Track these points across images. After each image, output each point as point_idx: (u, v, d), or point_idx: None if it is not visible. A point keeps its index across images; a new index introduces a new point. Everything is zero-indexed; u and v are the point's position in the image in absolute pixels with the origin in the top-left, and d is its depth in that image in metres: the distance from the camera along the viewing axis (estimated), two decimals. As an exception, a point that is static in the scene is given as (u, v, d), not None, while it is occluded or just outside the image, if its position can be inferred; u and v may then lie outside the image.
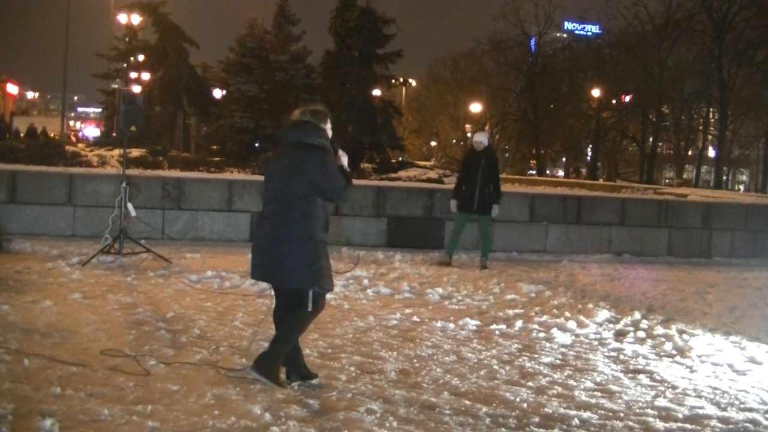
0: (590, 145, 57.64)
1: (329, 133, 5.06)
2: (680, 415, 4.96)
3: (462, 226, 11.01)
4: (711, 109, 52.80)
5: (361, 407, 4.70)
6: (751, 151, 57.13)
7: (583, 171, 62.09)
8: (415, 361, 5.86)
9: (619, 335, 7.12)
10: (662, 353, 6.56)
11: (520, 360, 6.08)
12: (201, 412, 4.46)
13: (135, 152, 26.87)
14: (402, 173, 32.92)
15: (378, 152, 39.04)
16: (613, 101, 54.28)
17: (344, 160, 5.09)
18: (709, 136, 54.67)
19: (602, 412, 4.94)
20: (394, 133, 42.66)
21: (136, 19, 45.37)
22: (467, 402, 4.96)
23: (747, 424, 4.88)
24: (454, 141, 70.06)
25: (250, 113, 38.62)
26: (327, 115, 5.10)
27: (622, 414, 4.92)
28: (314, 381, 5.13)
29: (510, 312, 7.81)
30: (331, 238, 6.08)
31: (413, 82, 58.69)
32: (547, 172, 61.01)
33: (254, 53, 39.82)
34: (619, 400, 5.21)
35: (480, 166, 10.68)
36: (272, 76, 39.18)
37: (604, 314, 7.84)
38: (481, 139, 11.15)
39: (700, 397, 5.41)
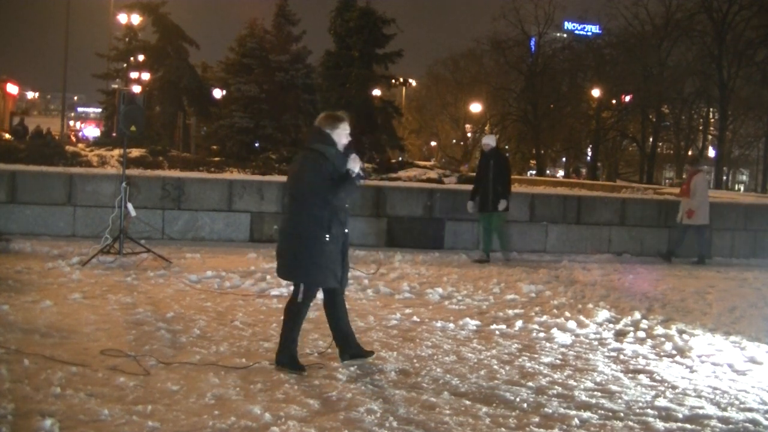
0: (590, 145, 57.64)
1: (340, 137, 5.38)
2: (680, 415, 4.96)
3: (487, 224, 11.41)
4: (711, 109, 52.82)
5: (361, 407, 4.70)
6: (751, 151, 57.14)
7: (583, 171, 62.08)
8: (415, 361, 5.86)
9: (619, 335, 7.12)
10: (662, 353, 6.56)
11: (520, 360, 6.08)
12: (201, 412, 4.46)
13: (135, 152, 26.81)
14: (402, 173, 32.87)
15: (378, 152, 39.01)
16: (613, 101, 54.27)
17: (354, 165, 5.32)
18: (709, 136, 54.69)
19: (602, 412, 4.94)
20: (394, 133, 42.65)
21: (136, 19, 45.24)
22: (467, 402, 4.96)
23: (747, 424, 4.88)
24: (454, 141, 70.06)
25: (250, 113, 38.58)
26: (337, 120, 5.45)
27: (622, 414, 4.92)
28: (369, 359, 5.64)
29: (510, 312, 7.81)
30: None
31: (413, 82, 58.57)
32: (548, 172, 61.01)
33: (254, 53, 39.78)
34: (619, 400, 5.21)
35: (489, 167, 11.17)
36: (272, 76, 39.15)
37: (604, 314, 7.84)
38: (488, 141, 11.60)
39: (700, 397, 5.40)
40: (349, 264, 5.63)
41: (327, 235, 5.28)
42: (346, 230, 5.47)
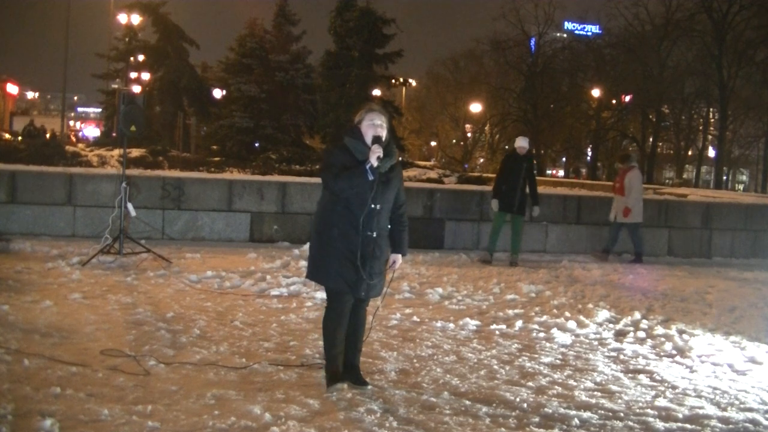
0: (590, 145, 57.66)
1: (366, 128, 4.92)
2: (680, 415, 4.96)
3: (501, 225, 11.44)
4: (711, 109, 52.84)
5: (361, 407, 4.70)
6: (751, 151, 57.18)
7: (583, 171, 62.10)
8: (415, 361, 5.86)
9: (619, 335, 7.12)
10: (662, 353, 6.56)
11: (520, 360, 6.08)
12: (201, 412, 4.46)
13: (135, 152, 26.79)
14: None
15: (378, 152, 38.98)
16: (613, 101, 54.33)
17: (372, 157, 4.82)
18: (709, 136, 54.72)
19: (602, 412, 4.94)
20: (394, 133, 42.63)
21: (136, 19, 45.23)
22: (467, 402, 4.96)
23: (747, 424, 4.88)
24: (454, 141, 70.09)
25: (250, 113, 38.59)
26: (362, 112, 5.00)
27: (622, 414, 4.92)
28: (362, 388, 5.03)
29: (510, 312, 7.81)
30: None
31: (413, 82, 58.64)
32: (551, 172, 60.99)
33: (254, 53, 39.80)
34: (619, 400, 5.21)
35: (522, 169, 11.28)
36: (272, 76, 39.16)
37: (604, 314, 7.84)
38: (524, 144, 11.63)
39: (700, 397, 5.41)
40: (380, 275, 5.02)
41: (335, 229, 4.88)
42: (370, 233, 4.88)
